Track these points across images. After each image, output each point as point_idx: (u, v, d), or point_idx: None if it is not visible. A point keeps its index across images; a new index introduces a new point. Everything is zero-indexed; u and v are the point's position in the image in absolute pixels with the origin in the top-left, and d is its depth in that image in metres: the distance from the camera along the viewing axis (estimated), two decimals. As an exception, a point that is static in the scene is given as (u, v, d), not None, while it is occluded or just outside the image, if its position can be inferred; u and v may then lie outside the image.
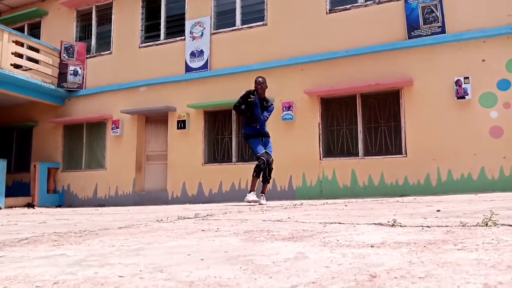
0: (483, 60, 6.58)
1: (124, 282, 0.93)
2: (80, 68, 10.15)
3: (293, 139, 7.71)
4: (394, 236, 1.46)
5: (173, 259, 1.21)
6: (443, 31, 6.85)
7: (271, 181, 8.11)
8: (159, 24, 9.50)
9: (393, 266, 0.96)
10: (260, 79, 5.61)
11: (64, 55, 10.07)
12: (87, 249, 1.51)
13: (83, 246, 1.59)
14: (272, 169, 5.53)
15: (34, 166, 9.66)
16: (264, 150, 5.41)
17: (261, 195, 5.44)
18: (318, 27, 7.81)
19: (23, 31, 10.98)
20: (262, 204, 5.11)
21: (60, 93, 10.00)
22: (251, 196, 5.27)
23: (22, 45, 9.47)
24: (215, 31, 8.81)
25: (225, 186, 8.17)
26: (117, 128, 9.40)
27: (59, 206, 9.61)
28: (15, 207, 8.92)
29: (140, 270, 1.05)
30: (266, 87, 5.63)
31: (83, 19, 10.62)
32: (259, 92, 5.52)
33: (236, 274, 0.96)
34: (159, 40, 9.43)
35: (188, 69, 8.85)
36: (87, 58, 10.23)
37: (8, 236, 2.10)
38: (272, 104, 5.68)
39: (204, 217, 2.93)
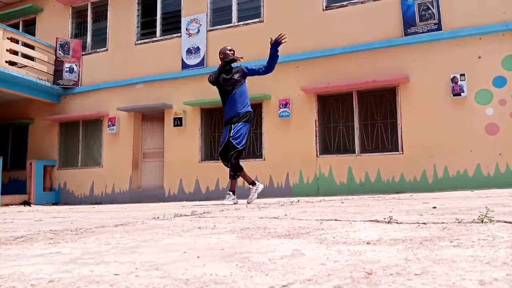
0: (479, 57, 6.60)
1: (119, 280, 0.93)
2: (75, 65, 10.09)
3: (290, 136, 7.71)
4: (390, 233, 1.46)
5: (169, 256, 1.21)
6: (439, 28, 6.86)
7: (268, 177, 8.04)
8: (155, 21, 9.46)
9: (389, 263, 0.96)
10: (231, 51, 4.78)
11: (60, 52, 10.01)
12: (83, 247, 1.51)
13: (79, 244, 1.58)
14: (233, 162, 4.51)
15: (30, 163, 9.62)
16: (221, 146, 4.58)
17: (227, 193, 4.70)
18: (315, 24, 7.81)
19: (18, 28, 10.90)
20: (224, 205, 4.37)
21: (56, 90, 9.95)
22: (228, 199, 4.56)
23: (17, 42, 9.40)
24: (211, 28, 8.78)
25: (222, 184, 8.17)
26: (114, 125, 9.37)
27: (56, 204, 9.58)
28: (11, 205, 8.88)
29: (136, 268, 1.05)
30: (228, 52, 4.79)
31: (79, 16, 10.55)
32: (221, 60, 4.78)
33: (232, 271, 0.96)
34: (155, 37, 9.39)
35: (184, 66, 8.82)
36: (82, 55, 10.17)
37: (4, 234, 2.09)
38: (238, 67, 4.77)
39: (201, 214, 2.93)
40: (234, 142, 4.46)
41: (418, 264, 0.93)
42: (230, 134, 4.51)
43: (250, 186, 4.65)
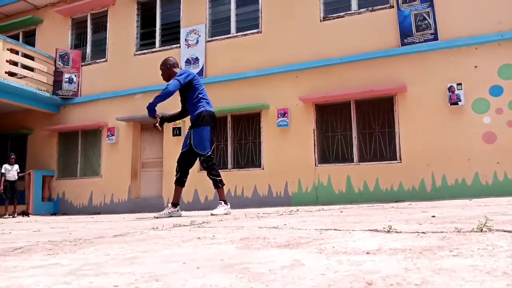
0: (476, 67, 6.66)
1: (119, 292, 0.93)
2: (75, 75, 10.13)
3: (289, 146, 7.72)
4: (390, 242, 1.46)
5: (169, 267, 1.20)
6: (435, 38, 6.93)
7: (267, 186, 7.91)
8: (154, 31, 9.53)
9: (389, 273, 0.96)
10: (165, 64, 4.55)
11: (59, 62, 10.06)
12: (82, 258, 1.50)
13: (78, 255, 1.58)
14: (207, 167, 4.40)
15: (29, 174, 9.59)
16: (181, 151, 4.50)
17: (218, 202, 4.47)
18: (312, 35, 7.88)
19: (18, 39, 10.96)
20: (214, 214, 4.17)
21: (55, 100, 9.97)
22: (165, 211, 4.41)
23: (17, 52, 9.45)
24: (210, 39, 8.85)
25: (221, 193, 8.13)
26: (113, 135, 9.37)
27: (54, 214, 9.53)
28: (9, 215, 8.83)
29: (136, 279, 1.05)
30: (167, 67, 4.66)
31: (78, 27, 10.63)
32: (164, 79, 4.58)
33: (232, 282, 0.96)
34: (154, 47, 9.45)
35: (183, 76, 8.85)
36: (82, 65, 10.22)
37: (2, 245, 2.08)
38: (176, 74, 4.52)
39: (200, 224, 2.92)
40: (200, 150, 4.41)
41: (418, 274, 0.93)
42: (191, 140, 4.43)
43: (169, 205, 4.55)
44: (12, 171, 9.06)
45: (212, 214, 4.25)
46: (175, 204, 4.52)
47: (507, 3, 6.63)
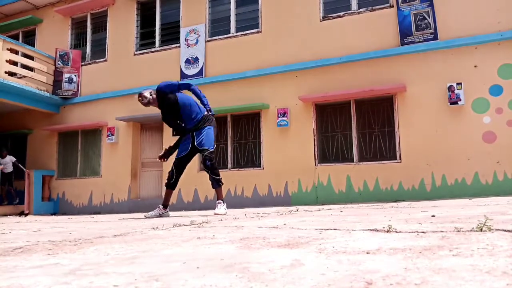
0: (475, 66, 6.66)
1: (119, 292, 0.93)
2: (75, 75, 10.13)
3: (288, 145, 7.72)
4: (390, 242, 1.46)
5: (169, 267, 1.20)
6: (435, 38, 6.93)
7: (266, 186, 7.92)
8: (154, 31, 9.53)
9: (389, 273, 0.96)
10: (139, 98, 4.77)
11: (59, 62, 10.05)
12: (82, 257, 1.50)
13: (78, 255, 1.58)
14: (210, 166, 4.40)
15: (29, 173, 9.59)
16: (179, 157, 4.54)
17: (217, 202, 4.49)
18: (312, 34, 7.88)
19: (17, 39, 10.96)
20: (217, 214, 4.25)
21: (55, 100, 9.97)
22: (156, 211, 4.66)
23: (16, 52, 9.45)
24: (210, 39, 8.85)
25: (220, 193, 8.14)
26: (112, 135, 9.37)
27: (54, 214, 9.54)
28: (9, 215, 8.83)
29: (136, 279, 1.05)
30: (149, 101, 4.76)
31: (78, 26, 10.63)
32: (150, 105, 4.85)
33: (232, 282, 0.96)
34: (154, 47, 9.45)
35: (183, 76, 8.86)
36: (82, 65, 10.22)
37: (2, 245, 2.08)
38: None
39: (200, 224, 2.92)
40: (207, 146, 4.44)
41: (418, 274, 0.93)
42: (199, 139, 4.48)
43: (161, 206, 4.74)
44: (3, 164, 9.57)
45: (215, 214, 4.33)
46: (165, 206, 4.74)
47: (507, 3, 6.63)
